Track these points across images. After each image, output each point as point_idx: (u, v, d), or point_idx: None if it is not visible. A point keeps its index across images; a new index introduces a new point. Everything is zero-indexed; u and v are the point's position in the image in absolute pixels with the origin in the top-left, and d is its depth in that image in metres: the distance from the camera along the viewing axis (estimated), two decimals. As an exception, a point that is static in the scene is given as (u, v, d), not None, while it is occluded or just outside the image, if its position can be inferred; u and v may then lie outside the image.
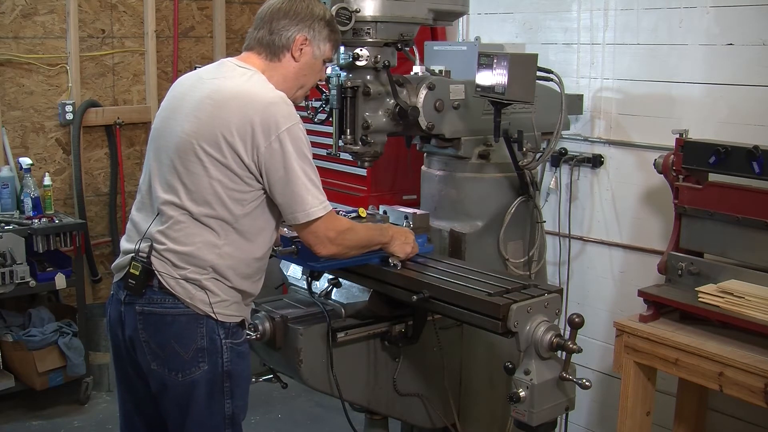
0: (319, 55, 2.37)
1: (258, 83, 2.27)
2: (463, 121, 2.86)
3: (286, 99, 2.24)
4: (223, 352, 2.25)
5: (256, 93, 2.23)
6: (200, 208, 2.21)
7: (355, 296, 2.63)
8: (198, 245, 2.22)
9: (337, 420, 3.41)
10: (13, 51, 4.35)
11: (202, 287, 2.22)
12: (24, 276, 3.94)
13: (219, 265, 2.23)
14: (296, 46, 2.33)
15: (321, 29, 2.35)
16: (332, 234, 2.28)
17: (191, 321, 2.23)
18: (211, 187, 2.20)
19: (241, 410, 2.35)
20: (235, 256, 2.26)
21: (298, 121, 2.21)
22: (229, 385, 2.28)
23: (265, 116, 2.17)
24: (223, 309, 2.25)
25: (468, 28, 3.99)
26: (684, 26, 3.15)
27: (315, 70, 2.40)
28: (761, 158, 2.58)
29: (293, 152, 2.19)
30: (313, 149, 2.28)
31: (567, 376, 2.22)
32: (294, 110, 2.24)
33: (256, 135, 2.17)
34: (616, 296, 3.52)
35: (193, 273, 2.22)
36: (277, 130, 2.17)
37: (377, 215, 2.72)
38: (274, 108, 2.19)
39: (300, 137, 2.21)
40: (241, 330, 2.33)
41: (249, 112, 2.18)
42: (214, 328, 2.24)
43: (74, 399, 4.29)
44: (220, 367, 2.25)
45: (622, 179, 3.44)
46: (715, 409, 3.15)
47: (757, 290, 2.57)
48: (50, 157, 4.57)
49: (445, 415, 2.84)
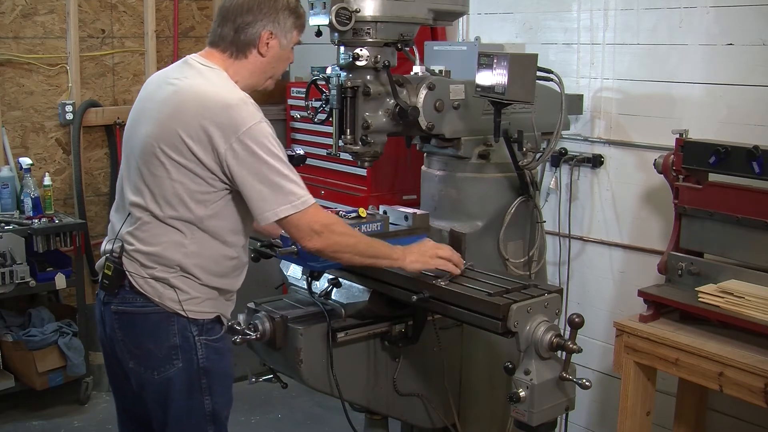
0: (286, 45, 2.35)
1: (218, 84, 2.24)
2: (463, 121, 2.86)
3: (245, 99, 2.20)
4: (197, 348, 2.26)
5: (215, 94, 2.19)
6: (164, 210, 2.22)
7: (355, 296, 2.63)
8: (164, 245, 2.23)
9: (337, 420, 3.41)
10: (13, 51, 4.36)
11: (170, 285, 2.23)
12: (24, 276, 3.94)
13: (186, 264, 2.24)
14: (262, 41, 2.30)
15: (285, 20, 2.32)
16: (317, 226, 2.21)
17: (162, 319, 2.24)
18: (173, 189, 2.20)
19: (223, 406, 2.35)
20: (204, 255, 2.26)
21: (259, 120, 2.17)
22: (206, 381, 2.29)
23: (223, 119, 2.14)
24: (194, 306, 2.26)
25: (468, 28, 3.99)
26: (684, 26, 3.15)
27: (283, 59, 2.39)
28: (761, 158, 2.58)
29: (258, 152, 2.15)
30: (313, 149, 2.29)
31: (567, 376, 2.22)
32: (255, 109, 2.20)
33: (214, 138, 2.14)
34: (616, 296, 3.52)
35: (160, 272, 2.23)
36: (236, 132, 2.14)
37: (377, 215, 2.72)
38: (232, 111, 2.16)
39: (263, 135, 2.17)
40: (217, 326, 2.33)
41: (207, 114, 2.15)
42: (186, 326, 2.25)
43: (74, 399, 4.29)
44: (195, 364, 2.27)
45: (622, 179, 3.44)
46: (715, 409, 3.15)
47: (757, 290, 2.57)
48: (50, 157, 4.57)
49: (445, 415, 2.84)
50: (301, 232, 2.22)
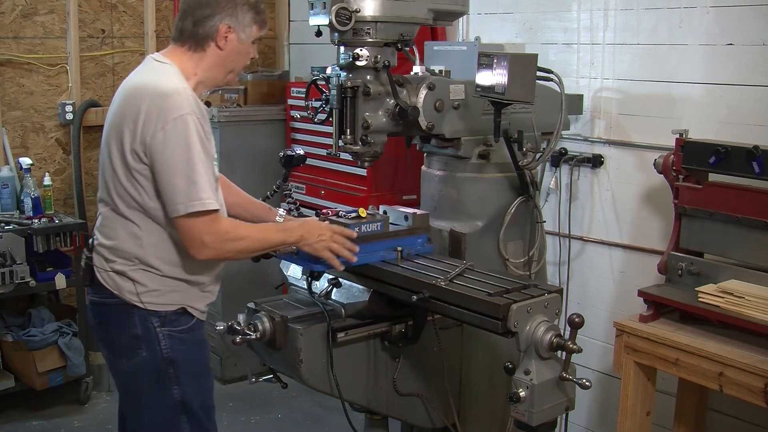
0: (245, 39, 2.38)
1: (162, 75, 2.28)
2: (463, 121, 2.86)
3: (182, 91, 2.22)
4: (159, 339, 2.32)
5: (154, 85, 2.23)
6: (119, 203, 2.29)
7: (355, 296, 2.63)
8: (121, 239, 2.31)
9: (337, 420, 3.41)
10: (13, 51, 4.36)
11: (129, 278, 2.30)
12: (24, 276, 3.94)
13: (143, 256, 2.30)
14: (220, 35, 2.34)
15: (244, 14, 2.35)
16: (208, 238, 2.20)
17: (123, 310, 2.32)
18: (122, 183, 2.26)
19: (194, 396, 2.37)
20: (160, 246, 2.30)
21: (189, 113, 2.18)
22: (173, 371, 2.34)
23: (154, 106, 2.19)
24: (153, 298, 2.31)
25: (468, 28, 3.99)
26: (684, 26, 3.15)
27: (243, 54, 2.41)
28: (761, 158, 2.58)
29: (177, 143, 2.16)
30: (313, 149, 2.29)
31: (567, 376, 2.22)
32: (191, 103, 2.21)
33: (141, 124, 2.19)
34: (616, 296, 3.52)
35: (120, 265, 2.31)
36: (163, 120, 2.16)
37: (377, 215, 2.72)
38: (165, 99, 2.19)
39: (188, 128, 2.17)
40: (183, 317, 2.35)
41: (140, 103, 2.20)
42: (145, 317, 2.31)
43: (74, 399, 4.29)
44: (159, 354, 2.32)
45: (622, 179, 3.44)
46: (715, 409, 3.14)
47: (757, 290, 2.57)
48: (50, 157, 4.57)
49: (445, 415, 2.84)
50: (191, 239, 2.22)
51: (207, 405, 2.43)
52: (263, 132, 4.63)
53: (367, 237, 2.60)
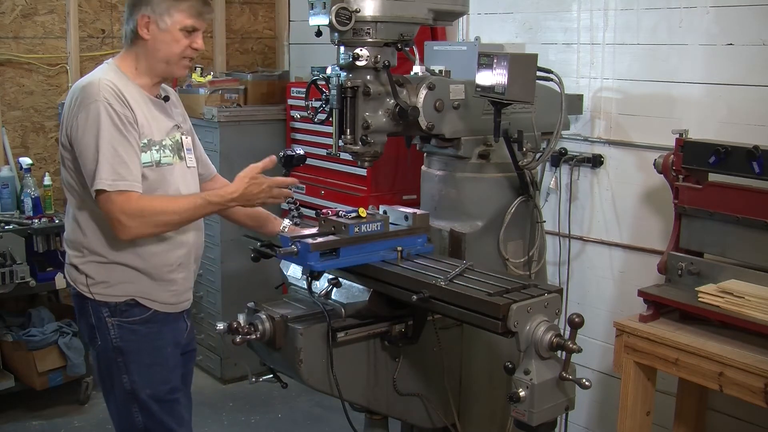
0: (167, 27, 2.47)
1: (96, 71, 2.47)
2: (463, 121, 2.86)
3: (97, 82, 2.37)
4: (109, 329, 2.45)
5: (81, 80, 2.45)
6: (67, 194, 2.51)
7: (355, 296, 2.63)
8: (70, 228, 2.51)
9: (337, 420, 3.42)
10: (13, 51, 4.36)
11: (81, 272, 2.47)
12: (24, 276, 3.94)
13: (86, 243, 2.45)
14: (140, 26, 2.46)
15: (160, 3, 2.45)
16: (124, 217, 2.31)
17: (80, 300, 2.51)
18: (66, 175, 2.48)
19: (143, 386, 2.47)
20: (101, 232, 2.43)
21: (104, 101, 2.33)
22: (122, 360, 2.47)
23: (73, 96, 2.39)
24: (101, 290, 2.45)
25: (468, 28, 3.99)
26: (684, 26, 3.15)
27: (171, 42, 2.48)
28: (761, 158, 2.58)
29: (89, 126, 2.33)
30: (313, 149, 2.30)
31: (567, 376, 2.22)
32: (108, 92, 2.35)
33: (65, 116, 2.39)
34: (616, 296, 3.52)
35: (74, 258, 2.49)
36: (78, 107, 2.35)
37: (377, 215, 2.72)
38: (83, 90, 2.37)
39: (100, 114, 2.32)
40: (135, 309, 2.46)
41: (69, 98, 2.43)
42: (97, 308, 2.47)
43: (74, 399, 4.29)
44: (110, 343, 2.47)
45: (622, 179, 3.44)
46: (715, 409, 3.15)
47: (757, 290, 2.57)
48: (50, 157, 4.57)
49: (445, 415, 2.84)
50: (110, 219, 2.34)
51: (162, 397, 2.51)
52: (263, 132, 4.63)
53: (367, 237, 2.60)
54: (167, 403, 2.51)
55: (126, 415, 2.50)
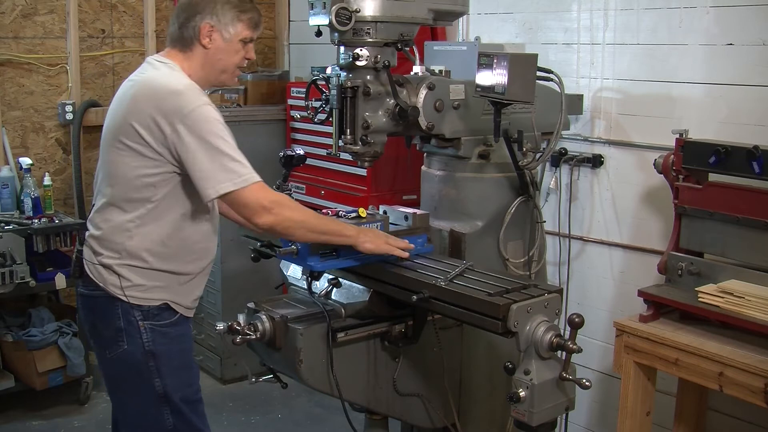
0: (230, 38, 2.45)
1: (167, 74, 2.39)
2: (463, 121, 2.86)
3: (190, 87, 2.34)
4: (141, 332, 2.39)
5: (163, 83, 2.35)
6: (115, 193, 2.38)
7: (355, 296, 2.63)
8: (110, 228, 2.39)
9: (337, 420, 3.41)
10: (13, 51, 4.36)
11: (114, 272, 2.38)
12: (24, 276, 3.94)
13: (131, 247, 2.37)
14: (203, 34, 2.43)
15: (225, 13, 2.43)
16: (266, 203, 2.30)
17: (108, 302, 2.40)
18: (124, 173, 2.35)
19: (176, 389, 2.44)
20: (151, 239, 2.37)
21: (203, 104, 2.30)
22: (154, 364, 2.40)
23: (168, 104, 2.29)
24: (137, 293, 2.38)
25: (468, 28, 3.99)
26: (684, 26, 3.15)
27: (231, 52, 2.47)
28: (761, 158, 2.58)
29: (201, 133, 2.27)
30: (313, 149, 2.31)
31: (567, 376, 2.22)
32: (200, 95, 2.33)
33: (161, 123, 2.28)
34: (616, 296, 3.52)
35: (107, 258, 2.39)
36: (180, 115, 2.27)
37: (377, 215, 2.72)
38: (176, 96, 2.30)
39: (206, 118, 2.28)
40: (165, 312, 2.43)
41: (154, 101, 2.30)
42: (128, 310, 2.38)
43: (74, 399, 4.29)
44: (141, 347, 2.39)
45: (622, 179, 3.44)
46: (715, 409, 3.15)
47: (757, 290, 2.57)
48: (50, 157, 4.57)
49: (445, 415, 2.84)
50: (249, 209, 2.31)
51: (190, 398, 2.49)
52: (263, 132, 4.63)
53: (367, 237, 2.59)
54: (193, 404, 2.50)
55: (154, 419, 2.44)
